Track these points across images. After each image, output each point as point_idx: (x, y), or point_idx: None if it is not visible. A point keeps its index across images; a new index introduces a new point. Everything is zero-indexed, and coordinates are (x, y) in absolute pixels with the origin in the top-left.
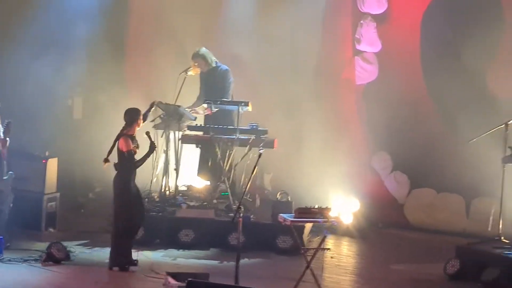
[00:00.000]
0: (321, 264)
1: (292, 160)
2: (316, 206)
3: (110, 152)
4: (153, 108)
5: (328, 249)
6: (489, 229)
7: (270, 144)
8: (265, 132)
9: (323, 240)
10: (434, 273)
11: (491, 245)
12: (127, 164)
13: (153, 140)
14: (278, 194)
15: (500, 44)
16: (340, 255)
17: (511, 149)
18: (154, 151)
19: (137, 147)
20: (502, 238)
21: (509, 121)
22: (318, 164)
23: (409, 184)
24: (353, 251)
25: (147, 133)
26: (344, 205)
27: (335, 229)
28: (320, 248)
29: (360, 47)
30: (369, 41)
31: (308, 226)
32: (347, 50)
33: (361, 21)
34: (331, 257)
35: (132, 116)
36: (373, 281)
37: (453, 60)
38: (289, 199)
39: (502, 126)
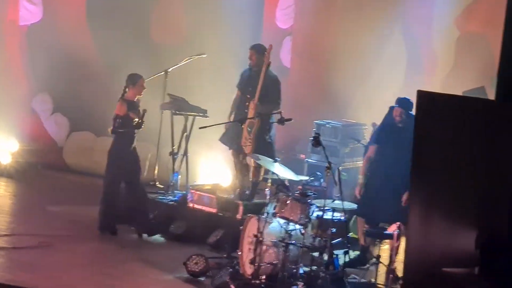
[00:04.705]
0: None
1: None
2: None
3: None
4: None
5: None
6: (145, 173)
7: None
8: None
9: None
10: (90, 215)
11: (147, 189)
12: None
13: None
14: None
15: None
16: None
17: (169, 96)
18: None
19: (138, 115)
20: (157, 183)
21: (168, 68)
22: None
23: (69, 126)
24: (10, 192)
25: (144, 110)
26: (3, 145)
27: None
28: None
29: None
30: None
31: None
32: None
33: None
34: None
35: (131, 80)
36: (29, 222)
37: (117, 4)
38: None
39: (162, 73)
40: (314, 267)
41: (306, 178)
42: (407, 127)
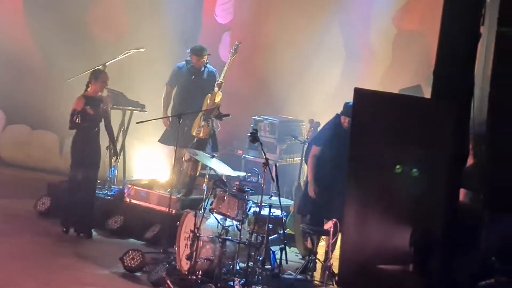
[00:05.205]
0: None
1: None
2: None
3: None
4: None
5: None
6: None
7: None
8: None
9: None
10: (25, 208)
11: None
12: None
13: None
14: None
15: None
16: None
17: (107, 90)
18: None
19: (95, 111)
20: None
21: (106, 62)
22: None
23: (4, 119)
24: None
25: (104, 105)
26: None
27: None
28: None
29: None
30: None
31: None
32: None
33: None
34: None
35: (94, 76)
36: None
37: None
38: None
39: (100, 67)
40: (251, 263)
41: (244, 174)
42: None
